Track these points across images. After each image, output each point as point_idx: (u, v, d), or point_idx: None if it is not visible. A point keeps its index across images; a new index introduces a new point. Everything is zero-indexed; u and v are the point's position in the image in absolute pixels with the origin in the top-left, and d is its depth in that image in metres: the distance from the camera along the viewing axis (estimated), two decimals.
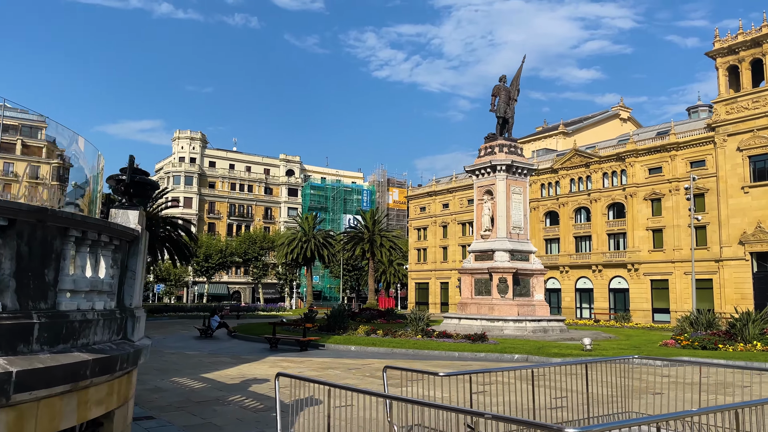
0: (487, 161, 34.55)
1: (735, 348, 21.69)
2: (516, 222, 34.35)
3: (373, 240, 65.55)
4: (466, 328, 32.32)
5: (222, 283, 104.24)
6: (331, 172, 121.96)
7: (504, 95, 35.77)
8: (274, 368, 16.90)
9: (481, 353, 20.51)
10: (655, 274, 57.65)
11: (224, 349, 22.86)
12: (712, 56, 54.86)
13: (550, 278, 67.02)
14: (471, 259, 35.18)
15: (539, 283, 34.08)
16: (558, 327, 32.56)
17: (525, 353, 20.30)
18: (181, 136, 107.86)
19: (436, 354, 20.84)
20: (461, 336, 24.35)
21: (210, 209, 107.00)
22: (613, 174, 62.06)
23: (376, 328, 26.04)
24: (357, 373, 15.66)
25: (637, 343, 25.75)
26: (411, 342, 23.29)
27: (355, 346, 22.43)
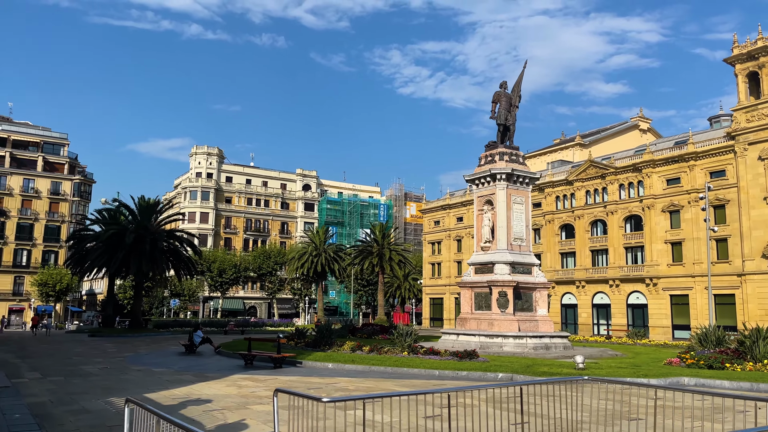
0: (486, 170, 33.18)
1: (744, 367, 19.91)
2: (517, 233, 32.84)
3: (382, 254, 64.25)
4: (463, 344, 30.80)
5: (238, 298, 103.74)
6: (347, 186, 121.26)
7: (505, 102, 34.45)
8: (229, 388, 15.77)
9: (463, 371, 19.08)
10: (674, 289, 55.32)
11: (196, 366, 21.79)
12: (731, 62, 52.85)
13: (566, 293, 65.01)
14: (471, 272, 33.72)
15: (542, 297, 32.44)
16: (562, 344, 30.85)
17: (511, 372, 18.84)
18: (198, 152, 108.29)
19: (415, 372, 19.48)
20: (449, 353, 22.92)
21: (226, 224, 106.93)
22: (630, 185, 60.05)
23: (363, 345, 24.77)
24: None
25: (641, 362, 24.01)
26: (393, 359, 21.94)
27: (333, 363, 21.17)
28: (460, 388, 10.49)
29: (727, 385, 17.25)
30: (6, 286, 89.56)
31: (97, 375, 18.64)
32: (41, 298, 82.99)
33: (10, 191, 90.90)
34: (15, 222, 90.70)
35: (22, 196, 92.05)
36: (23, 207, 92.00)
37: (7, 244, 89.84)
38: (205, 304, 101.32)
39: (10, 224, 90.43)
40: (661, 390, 10.50)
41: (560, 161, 74.10)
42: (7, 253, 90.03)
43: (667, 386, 8.76)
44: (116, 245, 47.07)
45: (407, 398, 8.21)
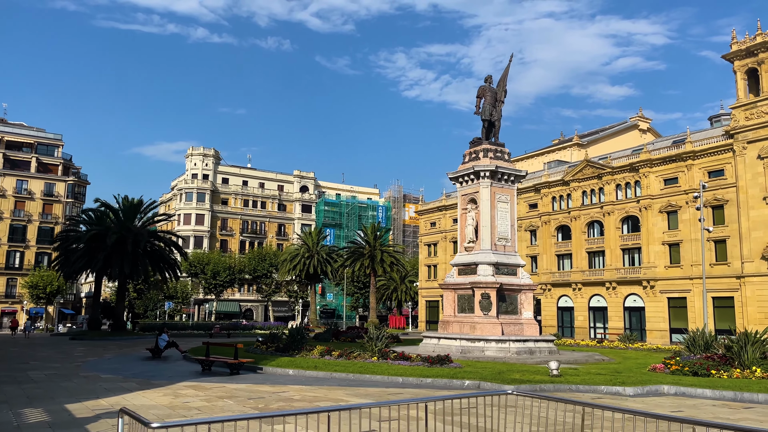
0: (470, 167, 31.94)
1: (730, 374, 18.59)
2: (502, 233, 31.57)
3: (374, 256, 62.97)
4: (444, 348, 29.54)
5: (234, 301, 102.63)
6: (345, 188, 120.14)
7: (490, 97, 33.21)
8: (165, 397, 14.58)
9: (428, 379, 17.84)
10: (672, 292, 53.89)
11: (149, 372, 20.62)
12: (730, 59, 51.49)
13: (562, 296, 63.66)
14: (454, 274, 32.45)
15: (528, 299, 31.15)
16: (547, 348, 29.53)
17: (480, 379, 17.57)
18: (194, 153, 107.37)
19: (377, 380, 18.24)
20: (420, 358, 21.66)
21: (222, 226, 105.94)
22: (627, 186, 58.68)
23: (333, 350, 23.54)
24: (244, 405, 13.27)
25: (625, 368, 22.70)
26: (357, 365, 20.69)
27: (295, 369, 19.95)
28: (384, 402, 9.30)
29: (709, 394, 15.96)
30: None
31: (38, 382, 17.49)
32: (32, 300, 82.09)
33: (3, 192, 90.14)
34: (8, 223, 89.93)
35: (15, 198, 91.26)
36: (16, 208, 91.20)
37: (0, 246, 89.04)
38: (200, 307, 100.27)
39: (2, 226, 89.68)
40: (598, 409, 9.30)
41: (557, 161, 72.79)
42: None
43: (588, 403, 7.45)
44: (98, 246, 46.03)
45: (304, 416, 6.92)
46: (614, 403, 14.47)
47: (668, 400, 15.24)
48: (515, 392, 7.13)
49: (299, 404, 13.49)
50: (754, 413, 13.39)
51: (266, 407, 13.00)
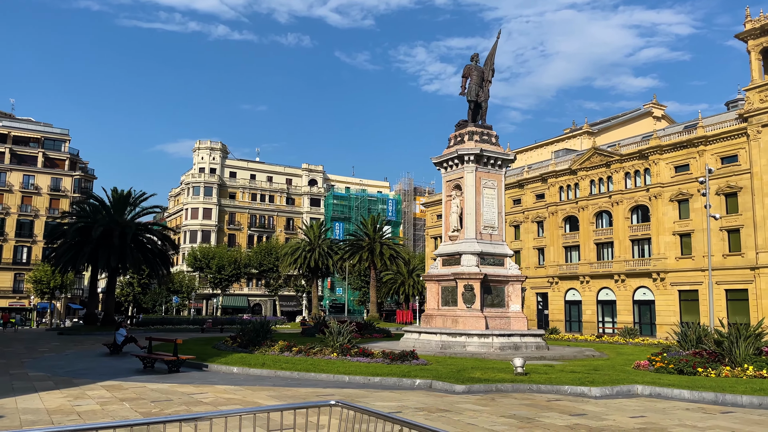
0: (453, 151, 30.05)
1: (719, 372, 16.57)
2: (488, 221, 29.64)
3: (373, 249, 61.21)
4: (424, 343, 27.81)
5: (242, 296, 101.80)
6: (355, 181, 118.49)
7: (476, 76, 31.24)
8: (65, 399, 13.10)
9: (376, 378, 16.10)
10: (683, 284, 51.40)
11: (85, 370, 19.20)
12: (743, 38, 48.78)
13: (570, 289, 61.41)
14: (438, 265, 30.62)
15: (515, 291, 29.20)
16: (534, 343, 27.58)
17: (434, 377, 15.79)
18: (201, 147, 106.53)
19: (322, 378, 16.56)
20: (382, 355, 19.93)
21: (230, 220, 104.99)
22: (636, 174, 56.17)
23: (294, 345, 21.91)
24: (137, 409, 11.71)
25: (609, 365, 20.71)
26: (307, 362, 19.04)
27: (240, 367, 18.34)
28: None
29: (687, 395, 14.00)
30: (6, 284, 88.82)
31: None
32: (38, 295, 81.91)
33: (10, 188, 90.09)
34: (15, 219, 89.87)
35: (23, 193, 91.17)
36: (23, 204, 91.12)
37: (7, 241, 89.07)
38: (207, 302, 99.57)
39: (10, 221, 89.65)
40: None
41: (565, 150, 70.31)
42: (7, 250, 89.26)
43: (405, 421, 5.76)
44: (85, 240, 44.99)
45: None
46: (571, 406, 12.65)
47: (635, 403, 13.34)
48: (339, 404, 5.38)
49: (201, 408, 11.87)
50: (729, 419, 11.46)
51: (160, 411, 11.40)
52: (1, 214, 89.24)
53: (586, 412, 11.99)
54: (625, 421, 11.00)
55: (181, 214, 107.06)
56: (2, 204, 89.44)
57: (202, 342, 30.16)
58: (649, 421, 11.12)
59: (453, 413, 11.46)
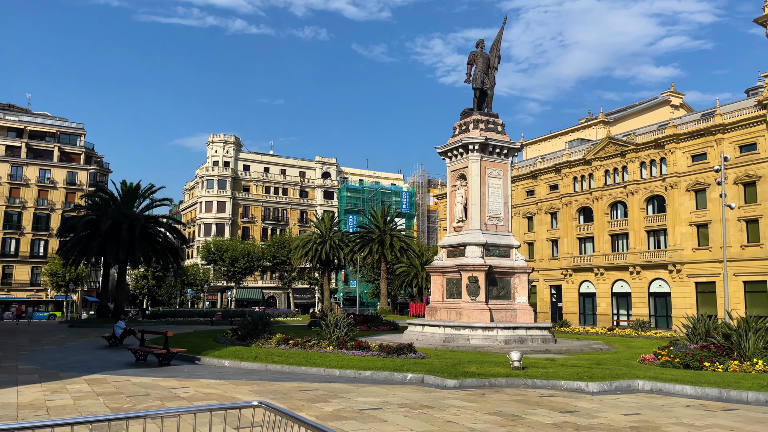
0: (458, 140, 29.37)
1: (726, 366, 15.83)
2: (493, 211, 28.95)
3: (383, 241, 60.63)
4: (428, 336, 27.31)
5: (256, 288, 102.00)
6: (368, 173, 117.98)
7: (482, 63, 30.50)
8: (41, 394, 12.82)
9: (367, 372, 15.60)
10: (700, 276, 50.24)
11: (77, 363, 18.97)
12: (762, 23, 47.30)
13: (584, 281, 60.42)
14: (443, 256, 30.03)
15: (522, 283, 28.50)
16: (540, 336, 26.89)
17: (427, 372, 15.24)
18: (215, 140, 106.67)
19: (312, 372, 16.10)
20: (378, 348, 19.42)
21: (244, 213, 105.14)
22: (652, 163, 54.95)
23: (291, 338, 21.49)
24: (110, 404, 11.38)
25: (614, 359, 20.01)
26: (301, 355, 18.62)
27: (231, 360, 17.96)
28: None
29: (689, 391, 13.32)
30: (24, 277, 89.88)
31: None
32: (54, 288, 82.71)
33: (26, 182, 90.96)
34: (32, 212, 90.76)
35: (39, 187, 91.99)
36: (40, 197, 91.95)
37: (24, 235, 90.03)
38: (222, 294, 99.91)
39: (27, 215, 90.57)
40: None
41: (579, 140, 69.05)
42: (24, 243, 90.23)
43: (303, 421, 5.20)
44: (94, 232, 45.05)
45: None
46: (564, 402, 12.05)
47: (633, 399, 12.69)
48: (263, 405, 4.86)
49: (174, 403, 11.47)
50: (730, 418, 10.78)
51: (132, 407, 11.01)
52: (18, 208, 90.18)
53: (578, 409, 11.39)
54: (618, 419, 10.38)
55: (195, 207, 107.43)
56: (19, 198, 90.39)
57: (204, 335, 29.94)
58: (644, 419, 10.49)
59: (436, 410, 10.92)
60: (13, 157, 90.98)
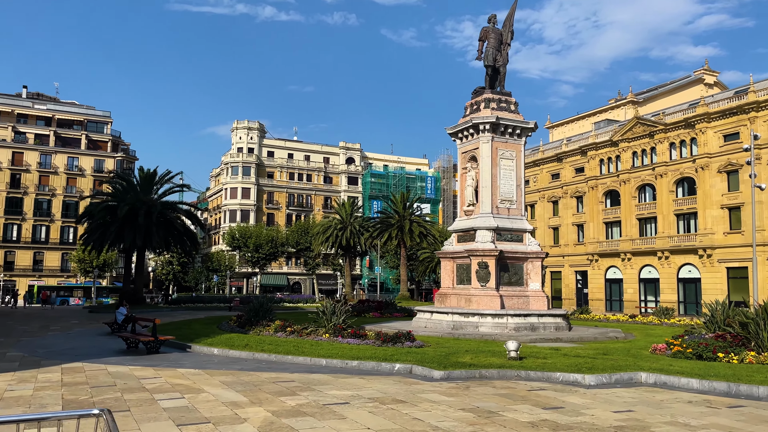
0: (468, 120, 28.24)
1: (742, 358, 14.63)
2: (506, 194, 27.81)
3: (402, 226, 59.70)
4: (435, 324, 26.43)
5: (282, 274, 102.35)
6: (393, 159, 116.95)
7: (494, 39, 29.20)
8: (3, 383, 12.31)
9: (354, 362, 14.82)
10: (731, 261, 48.23)
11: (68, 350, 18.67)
12: None
13: (611, 267, 58.70)
14: (453, 241, 29.04)
15: (535, 269, 27.37)
16: (553, 324, 25.76)
17: (417, 362, 14.39)
18: (239, 127, 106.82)
19: (298, 361, 15.41)
20: (374, 336, 18.64)
21: (269, 199, 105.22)
22: (682, 144, 52.81)
23: (289, 325, 20.86)
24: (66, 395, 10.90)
25: (624, 348, 18.88)
26: (292, 343, 17.95)
27: (221, 348, 17.39)
28: None
29: (696, 385, 12.24)
30: (54, 263, 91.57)
31: None
32: (83, 274, 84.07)
33: (55, 170, 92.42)
34: (61, 200, 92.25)
35: (67, 174, 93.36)
36: (68, 185, 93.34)
37: (54, 222, 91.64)
38: (248, 280, 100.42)
39: (56, 202, 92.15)
40: None
41: (606, 121, 66.90)
42: (54, 230, 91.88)
43: None
44: (112, 219, 45.21)
45: None
46: (552, 397, 11.10)
47: (631, 394, 11.67)
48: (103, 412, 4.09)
49: (136, 395, 10.87)
50: (733, 416, 9.71)
51: (87, 400, 10.44)
52: (48, 196, 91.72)
53: (565, 404, 10.44)
54: (605, 417, 9.41)
55: (221, 194, 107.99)
56: (48, 186, 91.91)
57: (212, 321, 29.59)
58: (635, 417, 9.50)
59: (407, 405, 10.10)
60: (42, 145, 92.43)
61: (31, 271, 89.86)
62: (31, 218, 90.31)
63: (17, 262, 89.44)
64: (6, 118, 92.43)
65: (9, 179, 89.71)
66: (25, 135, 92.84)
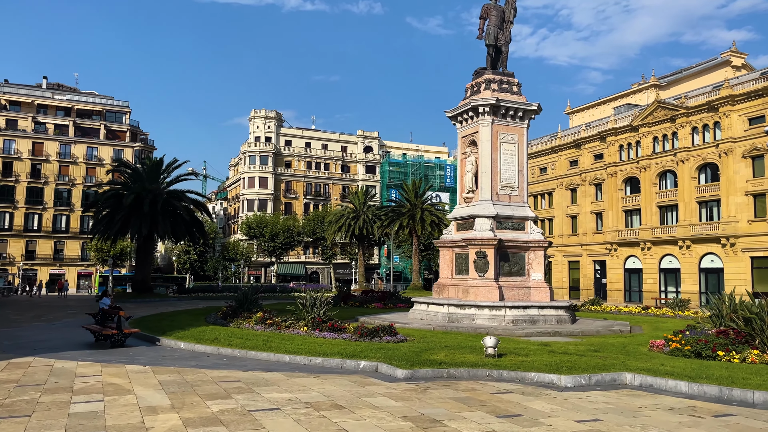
0: (467, 102, 26.89)
1: (744, 356, 13.25)
2: (507, 180, 26.44)
3: (414, 214, 58.42)
4: (431, 315, 25.33)
5: (299, 264, 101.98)
6: (411, 147, 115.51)
7: (495, 17, 27.76)
8: None
9: (318, 359, 13.75)
10: (756, 250, 46.08)
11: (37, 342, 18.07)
12: None
13: (630, 256, 56.78)
14: (452, 229, 27.78)
15: (537, 258, 26.01)
16: (555, 316, 24.41)
17: (383, 359, 13.31)
18: (257, 116, 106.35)
19: (261, 357, 14.44)
20: (353, 329, 17.57)
21: (286, 189, 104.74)
22: (705, 128, 50.56)
23: (270, 318, 19.93)
24: None
25: (622, 344, 17.51)
26: (263, 337, 16.98)
27: (188, 342, 16.50)
28: None
29: (684, 388, 10.95)
30: (75, 252, 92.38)
31: None
32: (100, 263, 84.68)
33: (75, 160, 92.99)
34: (80, 189, 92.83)
35: (86, 164, 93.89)
36: (88, 175, 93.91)
37: (74, 211, 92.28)
38: (266, 269, 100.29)
39: (76, 192, 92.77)
40: None
41: (627, 105, 64.58)
42: (74, 219, 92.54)
43: None
44: (118, 208, 44.89)
45: None
46: (515, 401, 9.92)
47: (608, 398, 10.43)
48: None
49: (51, 397, 9.99)
50: (716, 427, 8.44)
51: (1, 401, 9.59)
52: (68, 185, 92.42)
53: (526, 411, 9.26)
54: (564, 428, 8.23)
55: (239, 183, 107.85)
56: (68, 176, 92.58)
57: (203, 312, 28.85)
58: (598, 428, 8.30)
59: (344, 411, 9.03)
60: (62, 135, 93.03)
61: (52, 260, 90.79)
62: (51, 208, 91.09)
63: (38, 252, 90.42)
64: (26, 109, 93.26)
65: (30, 169, 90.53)
66: (45, 125, 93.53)
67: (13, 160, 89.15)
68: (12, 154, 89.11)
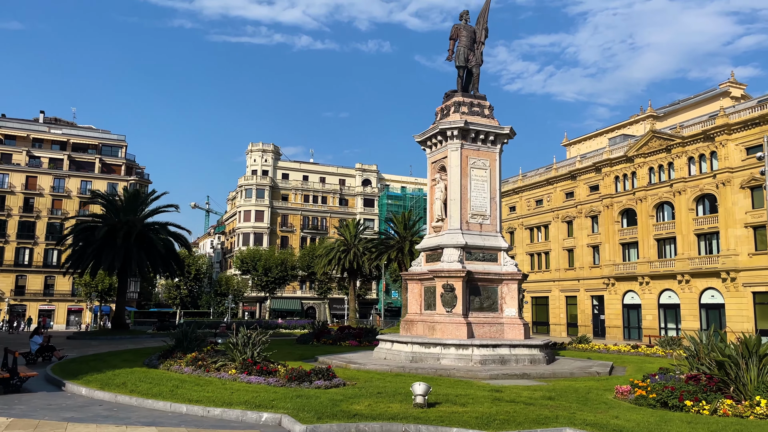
0: (435, 126, 25.31)
1: (715, 408, 11.21)
2: (477, 208, 24.65)
3: (402, 247, 56.60)
4: (395, 355, 23.29)
5: (295, 299, 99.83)
6: (410, 180, 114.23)
7: (466, 38, 26.40)
8: None
9: (217, 410, 11.78)
10: (758, 285, 43.79)
11: None
12: None
13: (628, 291, 54.43)
14: (422, 261, 25.91)
15: (511, 292, 24.03)
16: (528, 356, 22.27)
17: (290, 411, 11.39)
18: (254, 149, 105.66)
19: (158, 407, 12.47)
20: (285, 373, 15.60)
21: (283, 222, 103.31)
22: (701, 158, 48.78)
23: (200, 359, 17.95)
24: None
25: (586, 390, 15.45)
26: (177, 381, 15.02)
27: (89, 388, 14.45)
28: None
29: None
30: (65, 287, 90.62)
31: None
32: (89, 298, 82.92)
33: (68, 193, 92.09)
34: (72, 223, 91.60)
35: (80, 198, 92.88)
36: (81, 209, 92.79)
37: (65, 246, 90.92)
38: (261, 305, 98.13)
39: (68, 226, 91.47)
40: None
41: (622, 136, 63.02)
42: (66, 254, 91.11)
43: None
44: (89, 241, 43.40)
45: None
46: None
47: None
48: None
49: None
50: None
51: None
52: (60, 219, 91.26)
53: None
54: None
55: (235, 217, 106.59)
56: (62, 209, 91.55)
57: (146, 352, 26.28)
58: None
59: None
60: (56, 169, 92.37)
61: (42, 295, 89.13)
62: (43, 242, 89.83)
63: (28, 287, 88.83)
64: (21, 143, 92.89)
65: (22, 203, 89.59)
66: (40, 159, 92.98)
67: (6, 194, 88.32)
68: (5, 187, 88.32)
